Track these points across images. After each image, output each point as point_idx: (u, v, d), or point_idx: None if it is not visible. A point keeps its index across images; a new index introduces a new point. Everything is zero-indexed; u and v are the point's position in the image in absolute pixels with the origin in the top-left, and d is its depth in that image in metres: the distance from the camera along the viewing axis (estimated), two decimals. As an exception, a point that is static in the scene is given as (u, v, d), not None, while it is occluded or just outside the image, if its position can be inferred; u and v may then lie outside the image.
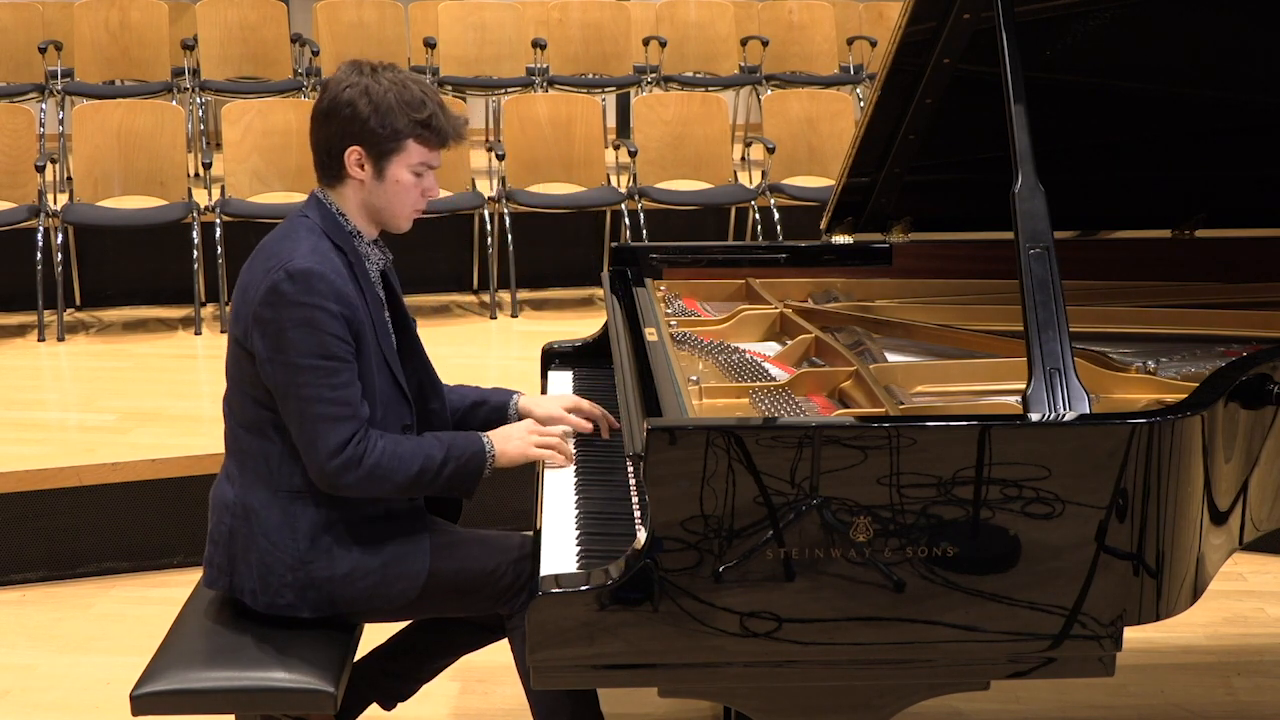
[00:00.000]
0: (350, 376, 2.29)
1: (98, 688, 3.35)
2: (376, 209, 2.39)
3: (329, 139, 2.35)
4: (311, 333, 2.25)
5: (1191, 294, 3.03)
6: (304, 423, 2.27)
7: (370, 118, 2.31)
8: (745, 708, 2.07)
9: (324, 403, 2.25)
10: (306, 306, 2.25)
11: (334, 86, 2.35)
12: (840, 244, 3.18)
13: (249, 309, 2.30)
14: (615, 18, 7.50)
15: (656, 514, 1.93)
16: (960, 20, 2.65)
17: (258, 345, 2.29)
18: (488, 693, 3.29)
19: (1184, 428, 2.02)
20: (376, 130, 2.31)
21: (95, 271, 5.91)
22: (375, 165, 2.35)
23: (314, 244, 2.32)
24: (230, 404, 2.42)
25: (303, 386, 2.25)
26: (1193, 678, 3.42)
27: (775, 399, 2.37)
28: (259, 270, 2.31)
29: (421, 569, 2.39)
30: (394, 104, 2.32)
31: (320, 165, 2.39)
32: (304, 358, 2.24)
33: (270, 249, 2.34)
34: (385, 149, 2.34)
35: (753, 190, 6.28)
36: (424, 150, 2.36)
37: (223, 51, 7.03)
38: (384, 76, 2.34)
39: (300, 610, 2.36)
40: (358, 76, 2.34)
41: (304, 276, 2.25)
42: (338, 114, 2.33)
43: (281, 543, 2.34)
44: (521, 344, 5.42)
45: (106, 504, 4.00)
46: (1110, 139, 3.09)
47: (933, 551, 1.96)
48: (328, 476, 2.29)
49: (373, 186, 2.37)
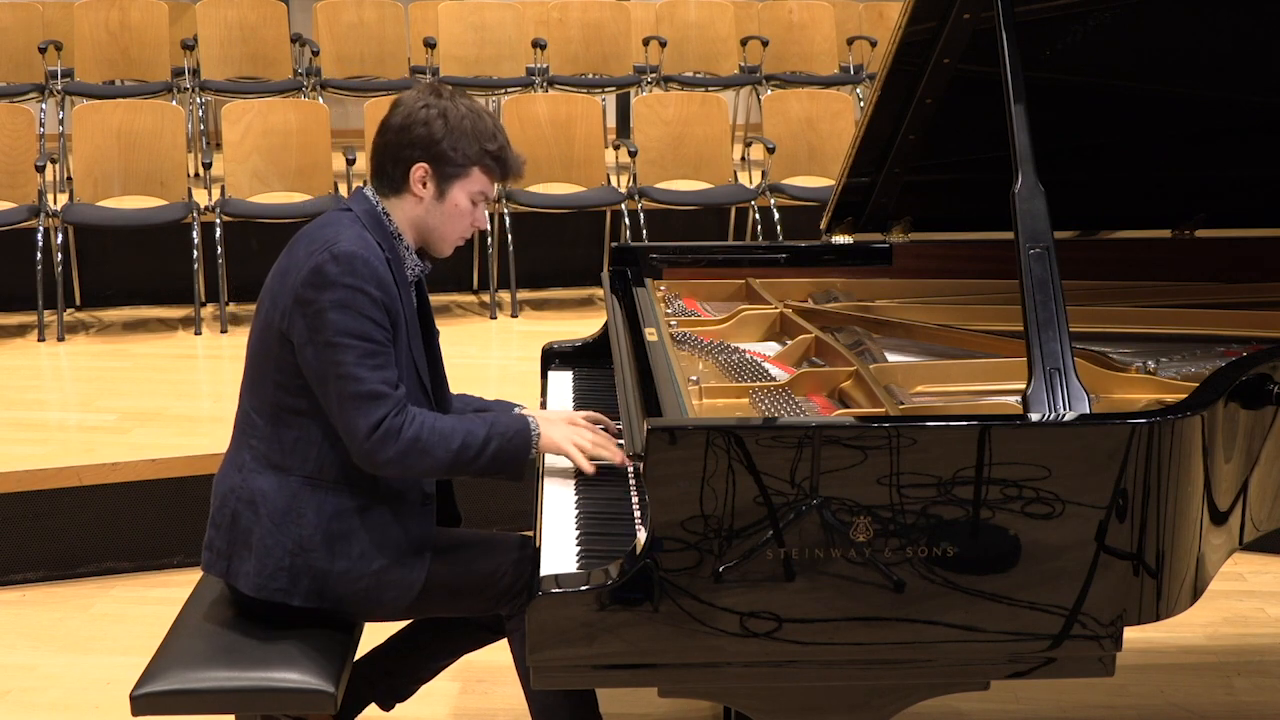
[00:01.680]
0: (388, 360, 2.31)
1: (98, 688, 3.35)
2: (428, 228, 2.44)
3: (398, 151, 2.39)
4: (352, 314, 2.27)
5: (1191, 294, 3.03)
6: (342, 402, 2.27)
7: (445, 139, 2.37)
8: (745, 708, 2.07)
9: (362, 381, 2.26)
10: (349, 289, 2.27)
11: (411, 103, 2.40)
12: (840, 244, 3.18)
13: (289, 292, 2.31)
14: (615, 18, 7.50)
15: (656, 514, 1.93)
16: (960, 20, 2.65)
17: (298, 328, 2.30)
18: (488, 693, 3.29)
19: (1184, 428, 2.02)
20: (448, 152, 2.37)
21: (95, 271, 5.91)
22: (439, 185, 2.40)
23: (358, 233, 2.35)
24: (249, 390, 2.43)
25: (341, 365, 2.26)
26: (1193, 678, 3.42)
27: (775, 399, 2.37)
28: (301, 253, 2.33)
29: (416, 580, 2.39)
30: (469, 130, 2.38)
31: (380, 175, 2.43)
32: (343, 337, 2.26)
33: (312, 234, 2.37)
34: (453, 171, 2.39)
35: (753, 190, 6.28)
36: (486, 180, 2.43)
37: (223, 51, 7.03)
38: (461, 103, 2.40)
39: (291, 598, 2.35)
40: (436, 99, 2.39)
41: (348, 259, 2.28)
42: (412, 129, 2.37)
43: (285, 527, 2.34)
44: (521, 344, 5.42)
45: (106, 504, 4.00)
46: (1110, 139, 3.09)
47: (933, 551, 1.96)
48: (367, 454, 2.28)
49: (431, 206, 2.41)
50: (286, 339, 2.32)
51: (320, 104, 6.24)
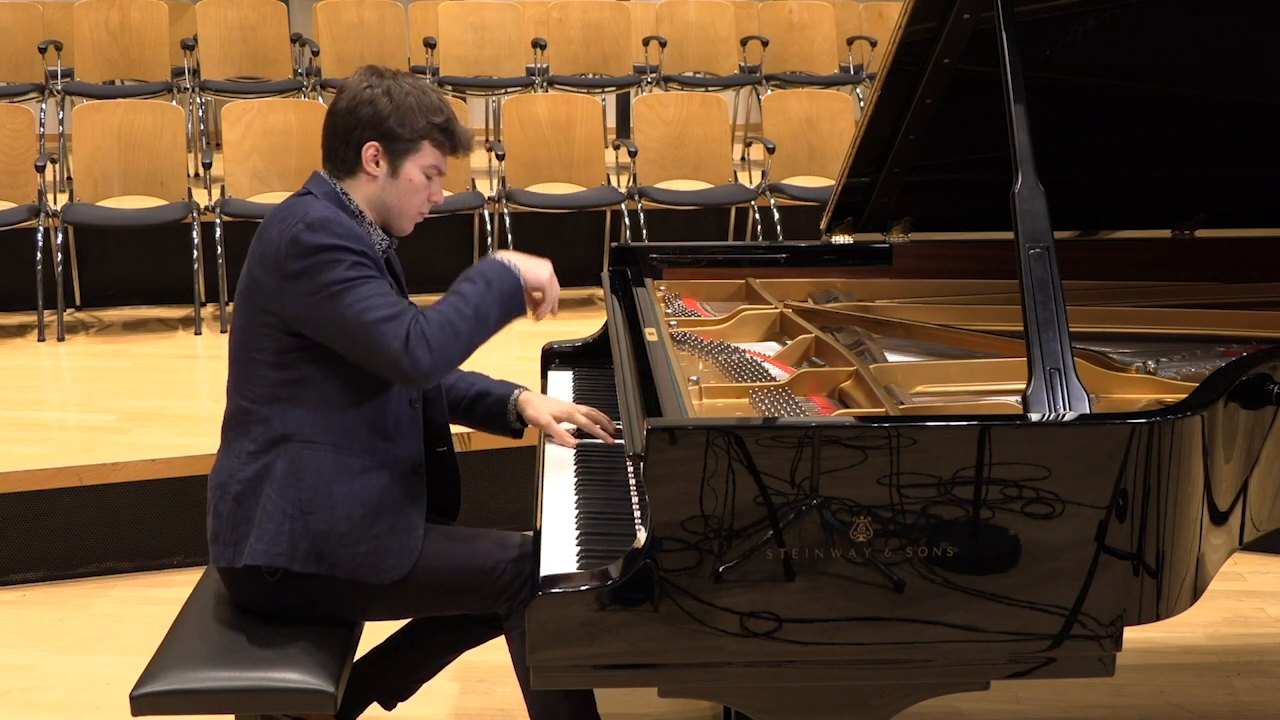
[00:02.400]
0: (384, 285, 2.33)
1: (98, 688, 3.35)
2: (385, 205, 2.45)
3: (347, 132, 2.42)
4: (339, 263, 2.29)
5: (1191, 294, 3.03)
6: (363, 335, 2.28)
7: (391, 116, 2.40)
8: (745, 708, 2.07)
9: (372, 309, 2.28)
10: (329, 247, 2.29)
11: (355, 85, 2.44)
12: (840, 244, 3.18)
13: (272, 271, 2.32)
14: (615, 18, 7.50)
15: (656, 514, 1.93)
16: (960, 20, 2.65)
17: (292, 300, 2.31)
18: (488, 692, 3.29)
19: (1184, 428, 2.02)
20: (396, 129, 2.40)
21: (95, 271, 5.91)
22: (391, 162, 2.42)
23: (324, 205, 2.38)
24: (238, 386, 2.43)
25: (349, 306, 2.28)
26: (1193, 678, 3.42)
27: (775, 399, 2.36)
28: (273, 234, 2.35)
29: (413, 547, 2.40)
30: (414, 106, 2.41)
31: (332, 157, 2.45)
32: (339, 283, 2.28)
33: (279, 215, 2.38)
34: (402, 147, 2.42)
35: (753, 190, 6.28)
36: (437, 154, 2.45)
37: (223, 51, 7.03)
38: (404, 81, 2.44)
39: (292, 562, 2.35)
40: (379, 79, 2.43)
41: (323, 223, 2.31)
42: (358, 110, 2.40)
43: (285, 491, 2.35)
44: (521, 344, 5.39)
45: (106, 504, 4.00)
46: (1110, 139, 3.09)
47: (933, 551, 1.96)
48: (411, 367, 2.28)
49: (385, 183, 2.43)
50: (280, 318, 2.34)
51: (320, 104, 6.25)
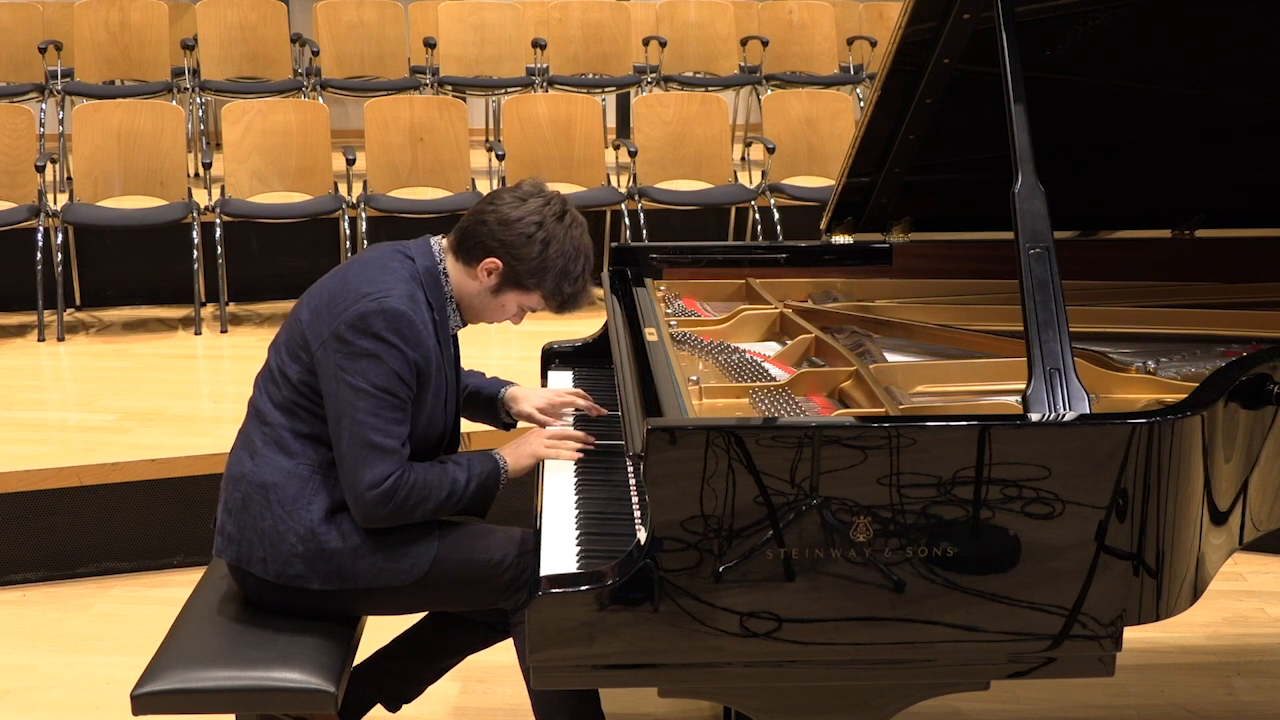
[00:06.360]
0: (404, 417, 2.36)
1: (98, 688, 3.35)
2: (469, 306, 2.50)
3: (488, 238, 2.43)
4: (384, 367, 2.32)
5: (1191, 294, 3.03)
6: (353, 445, 2.32)
7: (532, 261, 2.42)
8: (745, 708, 2.07)
9: (377, 432, 2.32)
10: (387, 344, 2.32)
11: (531, 209, 2.43)
12: (840, 244, 3.18)
13: (330, 324, 2.35)
14: (615, 18, 7.50)
15: (656, 514, 1.93)
16: (960, 20, 2.65)
17: (329, 360, 2.35)
18: (488, 692, 3.29)
19: (1184, 428, 2.02)
20: (525, 272, 2.43)
21: (95, 271, 5.90)
22: (499, 284, 2.46)
23: (410, 291, 2.39)
24: (269, 380, 2.47)
25: (360, 411, 2.31)
26: (1193, 678, 3.42)
27: (775, 399, 2.37)
28: (352, 291, 2.37)
29: (429, 547, 2.42)
30: (558, 269, 2.44)
31: (460, 243, 2.47)
32: (368, 385, 2.32)
33: (368, 274, 2.40)
34: (517, 282, 2.45)
35: (753, 190, 6.28)
36: (540, 302, 2.49)
37: (223, 51, 7.03)
38: (570, 239, 2.44)
39: (310, 581, 2.38)
40: (555, 225, 2.43)
41: (394, 317, 2.33)
42: (511, 232, 2.42)
43: (296, 513, 2.37)
44: (521, 344, 5.41)
45: (106, 504, 4.00)
46: (1110, 139, 3.09)
47: (933, 551, 1.96)
48: (363, 506, 2.34)
49: (483, 293, 2.47)
50: (311, 355, 2.38)
51: (320, 104, 6.24)
